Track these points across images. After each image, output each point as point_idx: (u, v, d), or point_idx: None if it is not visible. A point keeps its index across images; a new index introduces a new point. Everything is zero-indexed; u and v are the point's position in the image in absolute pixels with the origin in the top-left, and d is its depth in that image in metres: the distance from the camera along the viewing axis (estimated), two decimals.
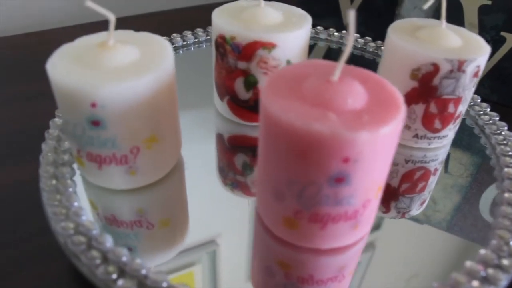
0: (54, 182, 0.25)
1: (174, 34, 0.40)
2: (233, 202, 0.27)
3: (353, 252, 0.23)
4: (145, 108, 0.22)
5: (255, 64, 0.27)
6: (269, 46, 0.27)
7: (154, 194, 0.26)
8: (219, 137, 0.32)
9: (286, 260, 0.23)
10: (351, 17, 0.18)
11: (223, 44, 0.28)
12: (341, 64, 0.20)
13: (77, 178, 0.26)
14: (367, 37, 0.43)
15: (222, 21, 0.28)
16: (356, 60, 0.42)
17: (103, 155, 0.23)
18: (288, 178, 0.20)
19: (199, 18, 0.51)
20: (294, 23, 0.28)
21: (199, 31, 0.41)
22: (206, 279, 0.23)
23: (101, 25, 0.48)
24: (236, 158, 0.31)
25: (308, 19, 0.29)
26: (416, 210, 0.27)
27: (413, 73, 0.28)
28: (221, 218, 0.26)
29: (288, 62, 0.28)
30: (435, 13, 0.49)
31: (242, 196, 0.28)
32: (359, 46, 0.43)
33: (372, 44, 0.42)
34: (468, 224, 0.27)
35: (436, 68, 0.27)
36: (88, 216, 0.23)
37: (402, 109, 0.20)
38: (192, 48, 0.41)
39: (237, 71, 0.28)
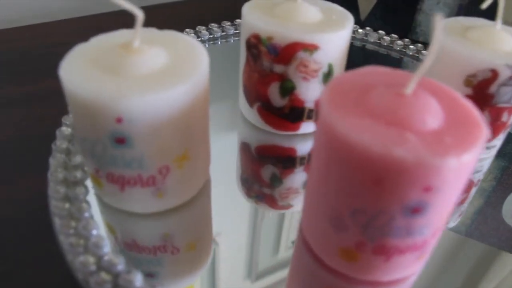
0: (67, 205, 0.21)
1: (200, 27, 0.36)
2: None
3: (410, 282, 0.21)
4: (178, 122, 0.19)
5: (294, 67, 0.24)
6: (311, 48, 0.23)
7: (181, 217, 0.23)
8: (245, 146, 0.29)
9: None
10: (436, 22, 0.15)
11: (257, 45, 0.24)
12: (418, 76, 0.17)
13: (91, 196, 0.23)
14: (393, 35, 0.40)
15: (256, 18, 0.24)
16: (382, 59, 0.39)
17: (127, 176, 0.20)
18: (353, 207, 0.17)
19: (207, 10, 0.47)
20: (335, 21, 0.25)
21: (226, 24, 0.38)
22: (204, 279, 0.21)
23: (100, 18, 0.44)
24: (264, 169, 0.28)
25: (349, 17, 0.26)
26: (453, 222, 0.25)
27: (467, 79, 0.25)
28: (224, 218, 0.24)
29: (330, 65, 0.25)
30: (459, 9, 0.47)
31: (267, 209, 0.25)
32: (385, 44, 0.40)
33: (400, 42, 0.39)
34: (489, 229, 0.25)
35: (494, 74, 0.24)
36: (109, 246, 0.20)
37: (484, 129, 0.17)
38: (219, 42, 0.37)
39: (272, 75, 0.25)
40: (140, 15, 0.18)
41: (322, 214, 0.19)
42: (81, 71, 0.18)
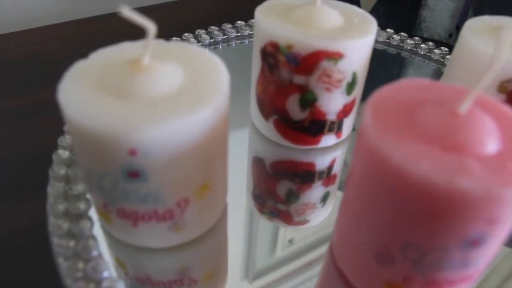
0: (72, 244, 0.19)
1: (199, 30, 0.34)
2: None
3: None
4: (199, 150, 0.16)
5: (316, 78, 0.22)
6: (336, 57, 0.21)
7: (200, 248, 0.21)
8: (258, 161, 0.27)
9: None
10: (503, 35, 0.13)
11: (274, 54, 0.22)
12: (475, 93, 0.15)
13: (96, 229, 0.20)
14: (403, 33, 0.38)
15: (272, 24, 0.22)
16: (392, 59, 0.38)
17: (140, 211, 0.17)
18: (404, 241, 0.15)
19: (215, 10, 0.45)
20: (358, 26, 0.23)
21: (241, 24, 0.35)
22: None
23: (88, 22, 0.41)
24: (280, 185, 0.26)
25: (372, 21, 0.23)
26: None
27: (502, 86, 0.23)
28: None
29: (354, 74, 0.23)
30: (466, 4, 0.45)
31: (281, 226, 0.24)
32: (394, 43, 0.38)
33: (410, 41, 0.38)
34: None
35: None
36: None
37: None
38: (221, 46, 0.35)
39: (291, 86, 0.23)
40: (152, 28, 0.15)
41: (363, 245, 0.17)
42: (83, 95, 0.16)
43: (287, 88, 0.23)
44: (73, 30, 0.39)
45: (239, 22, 0.35)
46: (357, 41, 0.21)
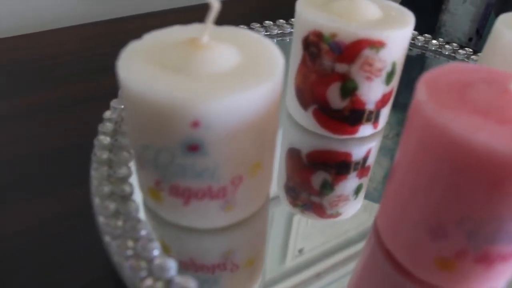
0: (120, 223, 0.19)
1: (255, 23, 0.34)
2: None
3: None
4: (256, 126, 0.17)
5: (358, 66, 0.22)
6: (378, 45, 0.22)
7: (244, 231, 0.21)
8: (293, 152, 0.27)
9: None
10: None
11: (317, 43, 0.23)
12: None
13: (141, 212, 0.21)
14: (427, 35, 0.39)
15: (315, 14, 0.23)
16: (417, 60, 0.38)
17: (194, 188, 0.18)
18: (462, 214, 0.15)
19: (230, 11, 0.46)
20: (396, 18, 0.23)
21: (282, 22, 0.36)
22: None
23: (100, 26, 0.42)
24: (315, 176, 0.26)
25: (409, 13, 0.24)
26: None
27: None
28: None
29: (394, 64, 0.23)
30: (487, 8, 0.46)
31: (313, 218, 0.24)
32: (419, 44, 0.39)
33: (435, 42, 0.38)
34: None
35: None
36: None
37: None
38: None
39: (333, 75, 0.23)
40: (216, 5, 0.16)
41: (417, 221, 0.17)
42: (143, 70, 0.16)
43: (329, 77, 0.23)
44: (91, 32, 0.41)
45: (280, 20, 0.36)
46: (398, 31, 0.22)
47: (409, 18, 0.24)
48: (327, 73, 0.23)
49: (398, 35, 0.22)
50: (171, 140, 0.16)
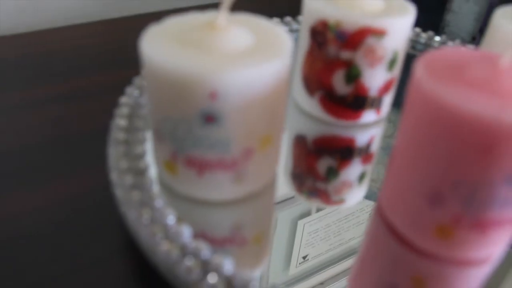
0: (136, 195, 0.20)
1: None
2: None
3: (495, 260, 0.20)
4: (267, 101, 0.18)
5: (361, 53, 0.24)
6: (380, 34, 0.23)
7: (253, 205, 0.22)
8: (300, 139, 0.29)
9: (421, 274, 0.19)
10: None
11: (323, 32, 0.24)
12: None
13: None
14: (430, 32, 0.40)
15: (322, 5, 0.24)
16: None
17: (208, 159, 0.19)
18: (456, 179, 0.17)
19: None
20: (398, 8, 0.25)
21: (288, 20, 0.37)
22: None
23: (110, 23, 0.44)
24: (320, 162, 0.27)
25: (410, 6, 0.26)
26: None
27: None
28: None
29: (395, 52, 0.25)
30: (490, 7, 0.47)
31: (319, 205, 0.25)
32: (422, 41, 0.40)
33: (437, 39, 0.39)
34: None
35: None
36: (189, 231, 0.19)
37: None
38: None
39: (338, 62, 0.24)
40: None
41: (415, 189, 0.18)
42: (165, 46, 0.18)
43: (334, 64, 0.25)
44: (105, 28, 0.42)
45: (287, 18, 0.37)
46: (399, 20, 0.24)
47: (409, 9, 0.25)
48: (333, 61, 0.25)
49: (399, 24, 0.24)
50: (189, 111, 0.18)
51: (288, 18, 0.37)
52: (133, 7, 0.48)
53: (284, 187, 0.25)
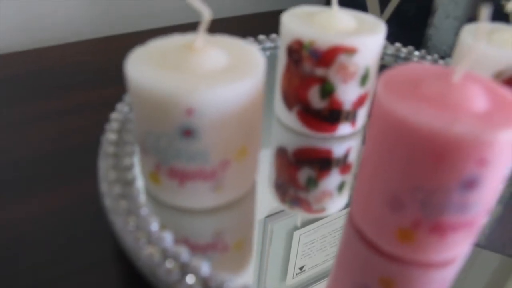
0: (123, 204, 0.22)
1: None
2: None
3: (459, 263, 0.21)
4: (241, 116, 0.20)
5: (334, 70, 0.26)
6: (351, 51, 0.25)
7: (232, 212, 0.23)
8: (281, 151, 0.30)
9: (389, 276, 0.21)
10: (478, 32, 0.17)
11: (298, 50, 0.26)
12: (464, 66, 0.18)
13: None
14: (410, 46, 0.42)
15: (297, 25, 0.26)
16: None
17: (188, 170, 0.21)
18: (412, 185, 0.18)
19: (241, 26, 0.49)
20: (369, 28, 0.27)
21: (262, 38, 0.39)
22: None
23: (112, 40, 0.46)
24: (300, 172, 0.29)
25: (381, 25, 0.27)
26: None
27: (496, 76, 0.26)
28: None
29: (367, 68, 0.26)
30: (469, 21, 0.49)
31: (301, 213, 0.26)
32: (402, 56, 0.42)
33: (417, 53, 0.41)
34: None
35: None
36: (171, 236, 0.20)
37: None
38: None
39: (313, 78, 0.26)
40: (207, 14, 0.19)
41: (379, 196, 0.20)
42: (147, 68, 0.20)
43: (309, 80, 0.26)
44: (98, 46, 0.44)
45: (274, 35, 0.39)
46: (369, 38, 0.25)
47: (380, 27, 0.27)
48: (308, 77, 0.26)
49: (369, 42, 0.25)
50: (169, 126, 0.19)
51: (262, 36, 0.39)
52: (126, 25, 0.50)
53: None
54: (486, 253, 0.24)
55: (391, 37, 0.51)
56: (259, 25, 0.52)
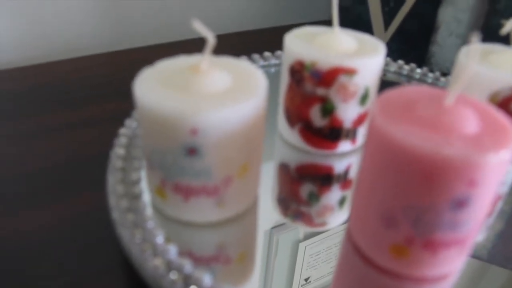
0: (130, 217, 0.23)
1: (242, 56, 0.39)
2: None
3: (452, 279, 0.22)
4: (244, 135, 0.21)
5: (335, 90, 0.27)
6: (351, 72, 0.26)
7: (235, 226, 0.24)
8: (284, 166, 0.31)
9: None
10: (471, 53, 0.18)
11: (300, 71, 0.27)
12: (456, 90, 0.19)
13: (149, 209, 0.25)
14: (412, 64, 0.43)
15: (299, 46, 0.27)
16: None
17: (193, 186, 0.22)
18: (405, 203, 0.19)
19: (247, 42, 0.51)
20: (370, 49, 0.28)
21: (268, 55, 0.40)
22: None
23: (117, 55, 0.48)
24: (302, 188, 0.29)
25: (381, 46, 0.28)
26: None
27: (492, 98, 0.27)
28: None
29: (367, 88, 0.27)
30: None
31: (303, 227, 0.26)
32: (405, 73, 0.43)
33: (419, 71, 0.42)
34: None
35: None
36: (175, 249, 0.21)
37: None
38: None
39: (314, 97, 0.27)
40: (211, 39, 0.20)
41: (374, 213, 0.20)
42: (155, 89, 0.21)
43: (311, 99, 0.27)
44: (106, 60, 0.46)
45: (279, 51, 0.40)
46: (368, 60, 0.26)
47: (380, 48, 0.28)
48: (309, 96, 0.27)
49: (368, 63, 0.26)
50: (174, 144, 0.20)
51: (267, 53, 0.40)
52: (134, 40, 0.52)
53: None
54: (491, 267, 0.24)
55: (395, 54, 0.52)
56: (264, 41, 0.54)
